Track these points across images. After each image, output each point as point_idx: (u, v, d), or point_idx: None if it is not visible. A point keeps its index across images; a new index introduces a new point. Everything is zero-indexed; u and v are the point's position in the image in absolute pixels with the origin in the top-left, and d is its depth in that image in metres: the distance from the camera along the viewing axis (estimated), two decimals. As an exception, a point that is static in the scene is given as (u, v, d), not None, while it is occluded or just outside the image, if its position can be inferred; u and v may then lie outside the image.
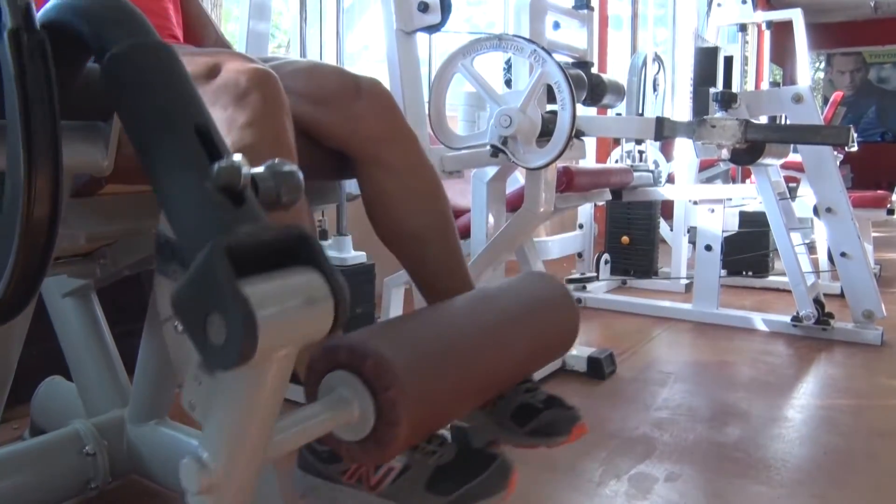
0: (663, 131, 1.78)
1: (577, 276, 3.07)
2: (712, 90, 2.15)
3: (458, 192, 2.16)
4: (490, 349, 0.78)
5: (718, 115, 2.13)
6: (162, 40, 0.60)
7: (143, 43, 0.57)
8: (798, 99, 2.30)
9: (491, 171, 1.76)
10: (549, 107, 1.56)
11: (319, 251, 0.52)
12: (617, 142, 3.67)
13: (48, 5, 0.62)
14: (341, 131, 0.98)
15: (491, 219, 1.78)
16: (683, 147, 3.18)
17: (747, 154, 2.14)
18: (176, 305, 0.48)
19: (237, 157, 0.51)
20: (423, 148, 1.04)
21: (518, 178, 2.16)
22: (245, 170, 0.50)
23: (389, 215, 1.01)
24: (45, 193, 0.52)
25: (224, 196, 0.50)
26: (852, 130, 1.77)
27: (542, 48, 1.43)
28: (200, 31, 1.29)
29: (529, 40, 1.46)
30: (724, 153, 2.07)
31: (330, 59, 2.18)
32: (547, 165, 1.50)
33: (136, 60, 0.55)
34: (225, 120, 0.77)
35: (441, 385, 0.70)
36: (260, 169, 0.53)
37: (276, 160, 0.54)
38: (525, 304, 0.89)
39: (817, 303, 2.47)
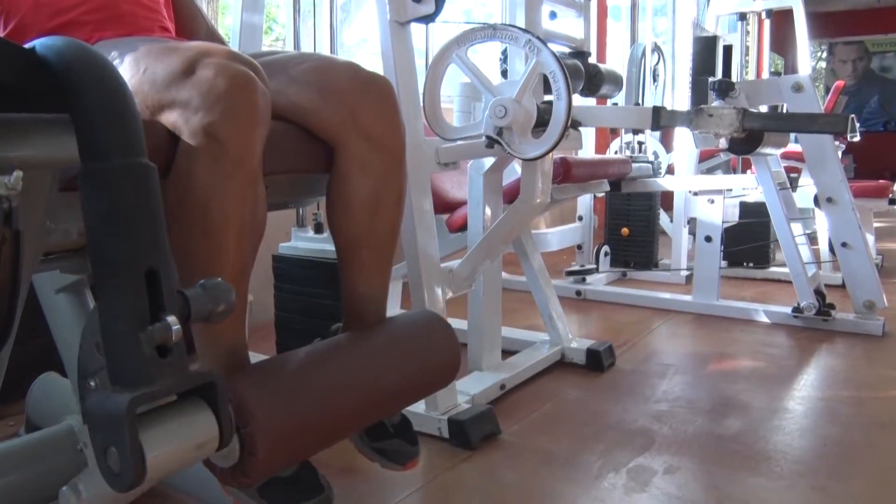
0: (660, 121, 1.76)
1: (576, 268, 3.06)
2: (710, 79, 2.13)
3: (456, 184, 2.14)
4: (355, 391, 0.88)
5: (716, 104, 2.12)
6: (148, 162, 0.63)
7: (128, 166, 0.62)
8: (798, 88, 2.29)
9: (488, 162, 1.75)
10: (546, 97, 1.54)
11: (221, 398, 0.63)
12: (615, 132, 3.66)
13: (60, 45, 0.64)
14: (342, 120, 0.97)
15: (488, 210, 1.77)
16: (683, 137, 3.17)
17: (745, 143, 2.12)
18: (89, 424, 0.59)
19: (171, 319, 0.59)
20: (405, 157, 1.03)
21: (516, 170, 2.14)
22: (177, 328, 0.59)
23: (353, 216, 1.00)
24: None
25: (154, 349, 0.59)
26: (853, 119, 1.75)
27: (537, 37, 1.41)
28: (191, 23, 1.28)
29: (524, 30, 1.44)
30: (722, 142, 2.06)
31: (325, 53, 2.16)
32: (542, 156, 1.48)
33: (117, 182, 0.61)
34: (195, 125, 0.75)
35: (301, 425, 0.81)
36: (196, 289, 0.61)
37: (215, 280, 0.62)
38: (398, 348, 0.98)
39: (818, 294, 2.46)
